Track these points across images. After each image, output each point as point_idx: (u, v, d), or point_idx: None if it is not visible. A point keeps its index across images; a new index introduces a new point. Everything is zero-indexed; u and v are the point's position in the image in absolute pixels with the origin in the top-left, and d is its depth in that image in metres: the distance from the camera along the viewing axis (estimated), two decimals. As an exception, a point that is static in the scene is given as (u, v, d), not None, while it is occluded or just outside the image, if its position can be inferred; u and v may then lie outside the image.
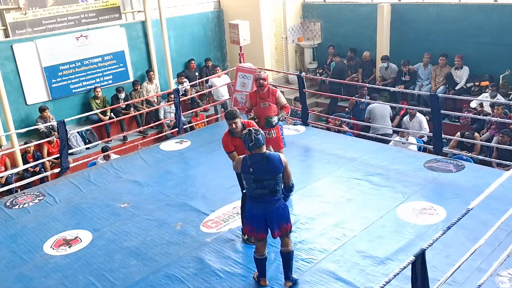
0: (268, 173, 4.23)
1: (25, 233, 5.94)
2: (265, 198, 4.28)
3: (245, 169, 4.28)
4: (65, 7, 10.07)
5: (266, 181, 4.23)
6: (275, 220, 4.32)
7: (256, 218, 4.35)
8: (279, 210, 4.33)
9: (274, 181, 4.25)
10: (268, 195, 4.27)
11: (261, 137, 4.27)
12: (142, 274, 4.94)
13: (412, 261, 3.40)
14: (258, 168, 4.23)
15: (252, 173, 4.24)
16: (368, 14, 11.63)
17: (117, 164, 7.82)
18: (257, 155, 4.27)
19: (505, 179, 4.25)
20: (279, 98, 6.18)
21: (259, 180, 4.24)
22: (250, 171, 4.25)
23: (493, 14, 9.90)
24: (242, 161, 4.34)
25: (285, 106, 6.20)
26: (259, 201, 4.31)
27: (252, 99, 6.25)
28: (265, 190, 4.26)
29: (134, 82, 10.90)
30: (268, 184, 4.24)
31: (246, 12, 11.69)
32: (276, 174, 4.25)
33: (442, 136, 7.33)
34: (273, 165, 4.24)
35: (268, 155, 4.27)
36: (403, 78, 10.74)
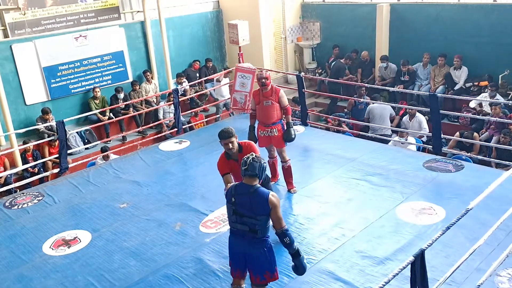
0: (250, 210, 3.70)
1: (24, 234, 5.93)
2: (246, 236, 3.79)
3: (228, 197, 3.83)
4: (64, 7, 10.06)
5: (246, 217, 3.73)
6: (256, 265, 3.85)
7: (236, 256, 3.93)
8: (260, 253, 3.80)
9: (255, 220, 3.70)
10: (249, 233, 3.76)
11: (257, 166, 3.75)
12: (141, 275, 4.94)
13: (412, 261, 3.40)
14: (241, 201, 3.74)
15: (233, 204, 3.78)
16: (367, 14, 11.64)
17: (116, 164, 7.81)
18: (245, 186, 3.77)
19: (504, 179, 4.26)
20: (282, 97, 6.19)
21: (240, 214, 3.75)
22: (232, 201, 3.78)
23: (492, 14, 9.91)
24: (229, 188, 3.93)
25: (287, 107, 6.21)
26: (240, 238, 3.84)
27: (256, 97, 6.29)
28: (245, 227, 3.75)
29: (133, 82, 10.90)
30: (249, 222, 3.72)
31: (245, 12, 11.69)
32: (257, 214, 3.69)
33: (441, 136, 7.33)
34: (257, 203, 3.69)
35: (256, 190, 3.72)
36: (402, 78, 10.75)
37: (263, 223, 3.73)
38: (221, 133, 4.54)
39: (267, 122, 6.17)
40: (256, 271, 3.88)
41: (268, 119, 6.16)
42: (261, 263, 3.84)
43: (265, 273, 3.86)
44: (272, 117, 6.16)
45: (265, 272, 3.86)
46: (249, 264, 3.88)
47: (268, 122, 6.16)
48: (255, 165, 3.76)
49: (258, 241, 3.79)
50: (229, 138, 4.50)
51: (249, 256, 3.84)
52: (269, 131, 6.16)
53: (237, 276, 4.02)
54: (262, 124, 6.24)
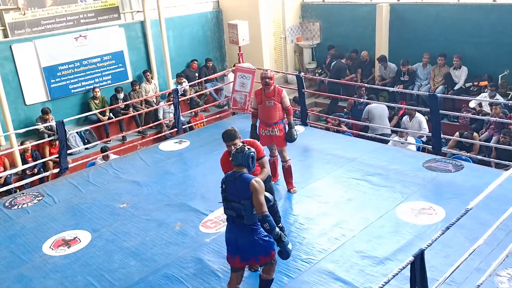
0: (235, 195, 3.91)
1: (24, 234, 5.93)
2: (236, 222, 3.96)
3: (221, 184, 4.05)
4: (64, 7, 10.06)
5: (233, 203, 3.91)
6: (248, 249, 3.95)
7: (229, 243, 4.07)
8: (252, 240, 3.92)
9: (240, 205, 3.86)
10: (237, 219, 3.92)
11: (240, 156, 3.93)
12: (141, 275, 4.94)
13: (411, 261, 3.40)
14: (229, 187, 3.96)
15: (224, 190, 4.00)
16: (367, 14, 11.64)
17: (116, 164, 7.81)
18: (233, 173, 3.99)
19: (504, 179, 4.26)
20: (284, 98, 6.20)
21: (228, 200, 3.96)
22: (222, 188, 4.02)
23: (492, 14, 9.91)
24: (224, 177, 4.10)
25: (289, 108, 6.22)
26: (231, 224, 4.03)
27: (258, 97, 6.29)
28: (233, 212, 3.93)
29: (133, 82, 10.89)
30: (235, 206, 3.90)
31: (245, 12, 11.69)
32: (241, 199, 3.85)
33: (441, 136, 7.33)
34: (240, 188, 3.87)
35: (241, 176, 3.92)
36: (402, 78, 10.75)
37: (247, 208, 3.84)
38: (225, 136, 4.57)
39: (269, 122, 6.18)
40: (247, 256, 3.99)
41: (270, 119, 6.17)
42: (251, 249, 3.95)
43: (259, 256, 3.98)
44: (274, 117, 6.17)
45: (259, 256, 3.98)
46: (240, 249, 3.97)
47: (270, 122, 6.18)
48: (237, 156, 3.95)
49: (247, 229, 3.91)
50: (233, 141, 4.52)
51: (240, 243, 3.96)
52: (270, 130, 6.18)
53: (236, 264, 4.07)
54: (263, 124, 6.25)
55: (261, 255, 3.97)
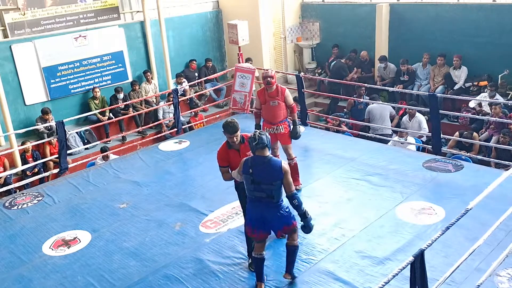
0: (266, 178, 4.21)
1: (24, 234, 5.93)
2: (263, 201, 4.28)
3: (246, 169, 4.27)
4: (64, 8, 10.06)
5: (264, 185, 4.21)
6: (276, 222, 4.32)
7: (256, 220, 4.35)
8: (278, 214, 4.30)
9: (272, 186, 4.22)
10: (266, 199, 4.26)
11: (265, 138, 4.25)
12: (141, 275, 4.94)
13: (411, 261, 3.40)
14: (258, 171, 4.21)
15: (251, 174, 4.23)
16: (366, 14, 11.64)
17: (116, 165, 7.81)
18: (259, 158, 4.26)
19: (504, 179, 4.26)
20: (287, 97, 6.20)
21: (257, 182, 4.23)
22: (250, 172, 4.23)
23: (492, 14, 9.91)
24: (244, 162, 4.32)
25: (293, 106, 6.22)
26: (258, 203, 4.32)
27: (261, 97, 6.27)
28: (263, 194, 4.24)
29: (133, 83, 10.89)
30: (266, 188, 4.22)
31: (245, 12, 11.69)
32: (273, 180, 4.21)
33: (441, 136, 7.33)
34: (273, 170, 4.21)
35: (270, 160, 4.25)
36: (402, 78, 10.75)
37: (277, 188, 4.24)
38: (227, 127, 4.62)
39: (273, 121, 6.19)
40: (276, 228, 4.38)
41: (275, 118, 6.18)
42: (278, 222, 4.33)
43: (283, 227, 4.35)
44: (279, 117, 6.17)
45: (283, 226, 4.35)
46: (267, 224, 4.34)
47: (275, 121, 6.18)
48: (263, 138, 4.25)
49: (274, 205, 4.28)
50: (235, 133, 4.62)
51: (266, 219, 4.31)
52: (275, 128, 6.19)
53: (260, 237, 4.39)
54: (268, 123, 6.25)
55: (285, 225, 4.34)
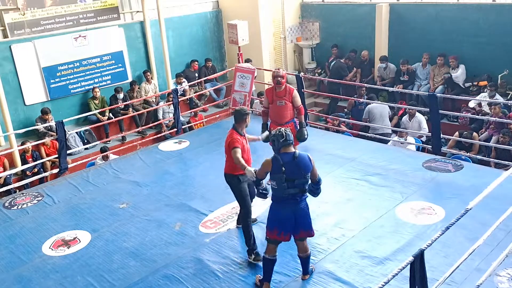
0: (300, 172, 4.23)
1: (23, 234, 5.93)
2: (294, 199, 4.28)
3: (277, 168, 4.23)
4: (64, 8, 10.05)
5: (298, 180, 4.23)
6: (303, 219, 4.35)
7: (285, 220, 4.31)
8: (307, 211, 4.37)
9: (305, 179, 4.27)
10: (299, 194, 4.28)
11: (290, 134, 4.29)
12: (141, 275, 4.94)
13: (411, 261, 3.40)
14: (290, 167, 4.21)
15: (284, 173, 4.20)
16: (366, 14, 11.64)
17: (116, 165, 7.81)
18: (288, 154, 4.26)
19: (504, 179, 4.26)
20: (295, 98, 6.21)
21: (291, 179, 4.21)
22: (283, 171, 4.20)
23: (492, 14, 9.91)
24: (272, 161, 4.28)
25: (300, 108, 6.23)
26: (289, 202, 4.29)
27: (269, 96, 6.28)
28: (296, 190, 4.25)
29: (132, 83, 10.89)
30: (299, 183, 4.24)
31: (244, 12, 11.68)
32: (306, 173, 4.27)
33: (441, 136, 7.33)
34: (304, 164, 4.26)
35: (299, 155, 4.28)
36: (402, 78, 10.75)
37: (308, 181, 4.33)
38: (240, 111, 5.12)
39: (280, 121, 6.19)
40: (306, 227, 4.39)
41: (282, 119, 6.18)
42: (308, 219, 4.39)
43: (308, 229, 4.40)
44: (286, 117, 6.18)
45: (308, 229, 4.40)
46: (299, 223, 4.33)
47: (281, 122, 6.19)
48: (290, 135, 4.31)
49: (302, 200, 4.34)
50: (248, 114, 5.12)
51: (298, 216, 4.32)
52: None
53: (287, 238, 4.38)
54: (274, 123, 6.25)
55: (309, 228, 4.40)
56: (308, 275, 4.63)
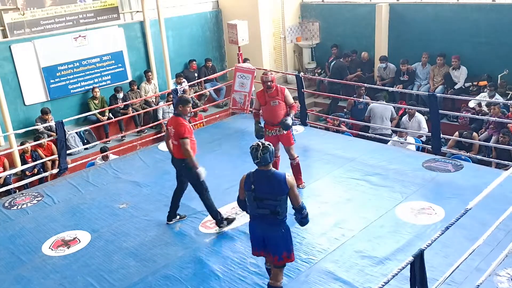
0: (270, 193, 3.93)
1: (23, 234, 5.93)
2: (265, 219, 4.02)
3: (248, 185, 4.01)
4: (63, 8, 10.05)
5: (267, 200, 3.94)
6: (274, 246, 4.06)
7: (256, 240, 4.16)
8: (278, 235, 4.03)
9: (276, 202, 3.93)
10: (269, 216, 3.98)
11: (268, 156, 3.92)
12: (141, 275, 4.94)
13: (411, 261, 3.40)
14: (261, 186, 3.95)
15: (253, 191, 3.97)
16: (366, 14, 11.64)
17: (115, 165, 7.81)
18: (261, 172, 4.00)
19: (504, 179, 4.26)
20: (287, 96, 6.20)
21: (260, 198, 3.96)
22: (252, 188, 3.97)
23: (491, 14, 9.91)
24: (246, 177, 4.07)
25: (293, 105, 6.23)
26: (259, 221, 4.07)
27: (260, 98, 6.25)
28: (266, 210, 3.97)
29: (131, 83, 10.88)
30: (269, 204, 3.94)
31: (244, 12, 11.68)
32: (278, 195, 3.93)
33: (441, 136, 7.34)
34: (277, 185, 3.94)
35: (273, 174, 3.99)
36: (402, 78, 10.75)
37: (283, 203, 3.96)
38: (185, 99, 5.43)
39: (274, 121, 6.17)
40: (274, 252, 4.07)
41: (275, 118, 6.16)
42: (278, 244, 4.04)
43: (282, 253, 4.05)
44: (279, 116, 6.16)
45: (283, 253, 4.05)
46: (267, 246, 4.08)
47: (275, 122, 6.16)
48: (266, 157, 3.94)
49: (277, 222, 4.00)
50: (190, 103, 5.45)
51: (267, 239, 4.05)
52: (277, 130, 6.17)
53: (261, 254, 4.22)
54: (269, 124, 6.23)
55: (285, 251, 4.07)
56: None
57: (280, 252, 4.05)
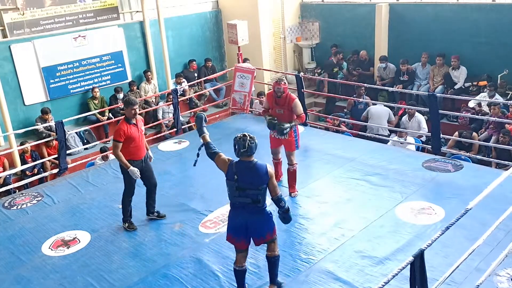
0: (253, 183, 4.11)
1: (23, 234, 5.92)
2: (247, 208, 4.18)
3: (231, 175, 4.17)
4: (63, 7, 10.05)
5: (249, 190, 4.11)
6: (259, 229, 4.23)
7: (238, 227, 4.24)
8: (262, 220, 4.22)
9: (258, 191, 4.12)
10: (251, 205, 4.16)
11: (254, 146, 4.14)
12: (140, 275, 4.94)
13: (411, 261, 3.40)
14: (243, 176, 4.12)
15: (236, 181, 4.12)
16: (366, 14, 11.64)
17: (115, 165, 7.76)
18: (244, 163, 4.16)
19: (504, 179, 4.26)
20: (295, 107, 5.98)
21: (243, 188, 4.12)
22: (235, 178, 4.13)
23: (491, 14, 9.92)
24: (228, 166, 4.22)
25: (300, 116, 6.03)
26: (241, 210, 4.21)
27: (269, 100, 6.17)
28: (248, 199, 4.14)
29: (131, 83, 10.88)
30: (252, 193, 4.12)
31: (244, 12, 11.68)
32: (259, 185, 4.11)
33: (441, 136, 7.33)
34: (258, 175, 4.12)
35: (255, 164, 4.16)
36: (402, 78, 10.75)
37: (263, 193, 4.15)
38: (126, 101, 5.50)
39: None
40: (258, 235, 4.26)
41: None
42: (262, 228, 4.24)
43: (266, 234, 4.25)
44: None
45: (266, 234, 4.25)
46: (250, 231, 4.23)
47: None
48: (252, 147, 4.14)
49: (258, 210, 4.18)
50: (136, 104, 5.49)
51: (250, 224, 4.20)
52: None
53: (241, 246, 4.31)
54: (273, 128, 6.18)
55: (268, 232, 4.25)
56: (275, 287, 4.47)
57: (263, 234, 4.25)
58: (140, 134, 5.61)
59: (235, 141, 4.19)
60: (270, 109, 6.18)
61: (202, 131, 4.72)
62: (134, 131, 5.49)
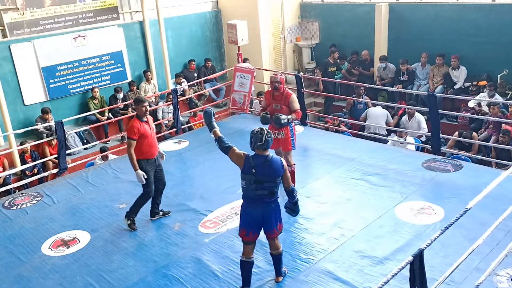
0: (270, 176, 4.27)
1: (23, 234, 5.92)
2: (264, 199, 4.31)
3: (248, 169, 4.29)
4: (63, 7, 10.05)
5: (267, 183, 4.27)
6: (273, 219, 4.38)
7: (253, 219, 4.37)
8: (275, 210, 4.40)
9: (274, 183, 4.30)
10: (267, 196, 4.30)
11: (270, 140, 4.32)
12: (140, 275, 4.94)
13: (410, 261, 3.40)
14: (261, 170, 4.25)
15: (254, 174, 4.25)
16: (366, 14, 11.64)
17: (115, 165, 7.80)
18: (261, 157, 4.30)
19: (503, 179, 4.27)
20: (292, 102, 6.08)
21: (261, 181, 4.26)
22: (253, 172, 4.26)
23: (491, 14, 9.92)
24: (244, 160, 4.32)
25: (297, 111, 6.10)
26: (258, 202, 4.33)
27: (267, 98, 6.26)
28: (265, 191, 4.28)
29: (130, 83, 10.88)
30: (269, 186, 4.28)
31: (244, 12, 11.68)
32: (276, 177, 4.31)
33: (440, 136, 7.34)
34: (275, 168, 4.29)
35: (271, 159, 4.32)
36: (401, 78, 10.75)
37: (278, 184, 4.36)
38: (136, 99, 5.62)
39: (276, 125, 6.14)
40: (272, 226, 4.41)
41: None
42: (275, 218, 4.41)
43: (277, 225, 4.44)
44: None
45: (277, 224, 4.44)
46: (265, 222, 4.38)
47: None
48: (269, 141, 4.33)
49: (273, 200, 4.36)
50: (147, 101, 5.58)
51: (266, 216, 4.36)
52: (277, 133, 6.11)
53: (253, 238, 4.42)
54: (272, 126, 6.20)
55: (279, 222, 4.45)
56: (282, 277, 4.63)
57: (276, 224, 4.41)
58: (152, 132, 5.65)
59: (252, 134, 4.34)
60: (267, 106, 6.23)
61: (212, 126, 4.77)
62: (147, 128, 5.55)
